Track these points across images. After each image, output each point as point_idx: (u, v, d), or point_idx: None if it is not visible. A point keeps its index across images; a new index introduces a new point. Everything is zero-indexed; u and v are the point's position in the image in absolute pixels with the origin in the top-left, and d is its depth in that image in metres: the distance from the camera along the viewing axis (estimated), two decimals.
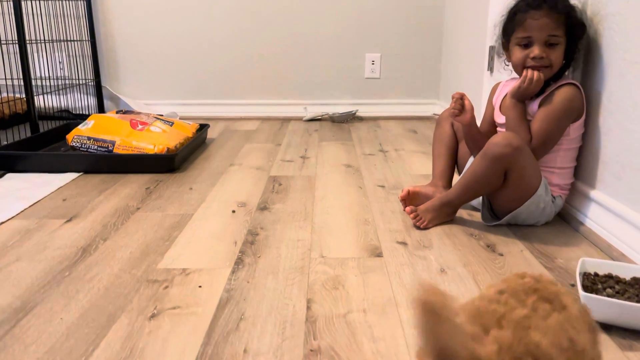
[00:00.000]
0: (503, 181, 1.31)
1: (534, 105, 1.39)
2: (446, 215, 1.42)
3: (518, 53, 1.37)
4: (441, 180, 1.58)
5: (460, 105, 1.45)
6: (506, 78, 1.55)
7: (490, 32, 1.48)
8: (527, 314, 0.51)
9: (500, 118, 1.47)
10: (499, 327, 0.50)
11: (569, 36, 1.34)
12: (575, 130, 1.37)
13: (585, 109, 1.37)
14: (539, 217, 1.38)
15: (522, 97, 1.37)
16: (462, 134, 1.57)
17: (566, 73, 1.41)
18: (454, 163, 1.61)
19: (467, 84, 2.54)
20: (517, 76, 1.42)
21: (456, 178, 1.55)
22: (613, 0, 1.28)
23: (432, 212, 1.41)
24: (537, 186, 1.33)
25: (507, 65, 1.47)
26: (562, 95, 1.34)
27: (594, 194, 1.35)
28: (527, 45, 1.35)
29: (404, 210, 1.48)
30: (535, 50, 1.33)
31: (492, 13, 1.73)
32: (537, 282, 0.57)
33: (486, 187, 1.35)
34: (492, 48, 2.03)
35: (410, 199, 1.51)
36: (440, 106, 3.02)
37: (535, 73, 1.32)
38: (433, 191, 1.52)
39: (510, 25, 1.38)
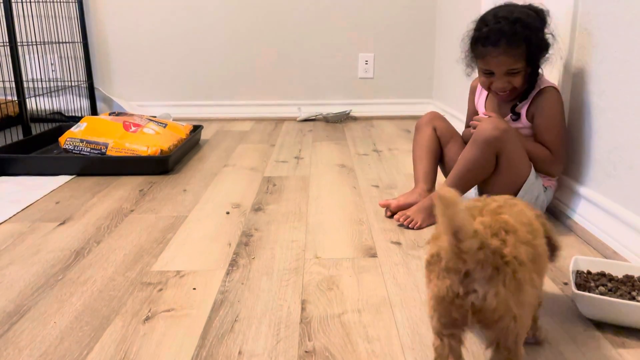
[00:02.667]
0: (495, 167, 1.33)
1: (522, 114, 1.41)
2: None
3: (482, 78, 1.41)
4: (425, 184, 1.53)
5: None
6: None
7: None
8: (499, 205, 0.77)
9: None
10: (481, 215, 0.74)
11: (531, 59, 1.34)
12: None
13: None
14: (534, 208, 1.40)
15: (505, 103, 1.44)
16: (447, 138, 1.56)
17: (540, 71, 1.40)
18: (437, 166, 1.58)
19: (460, 84, 2.55)
20: None
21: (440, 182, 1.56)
22: None
23: (423, 212, 1.41)
24: (527, 172, 1.36)
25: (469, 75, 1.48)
26: (551, 100, 1.37)
27: (586, 192, 1.36)
28: (489, 74, 1.38)
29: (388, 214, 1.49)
30: (497, 84, 1.37)
31: (484, 13, 1.74)
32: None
33: (479, 173, 1.35)
34: None
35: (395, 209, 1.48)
36: (433, 106, 3.03)
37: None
38: (416, 198, 1.49)
39: (474, 48, 1.39)
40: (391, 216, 1.48)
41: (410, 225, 1.40)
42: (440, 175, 1.60)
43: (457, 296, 0.68)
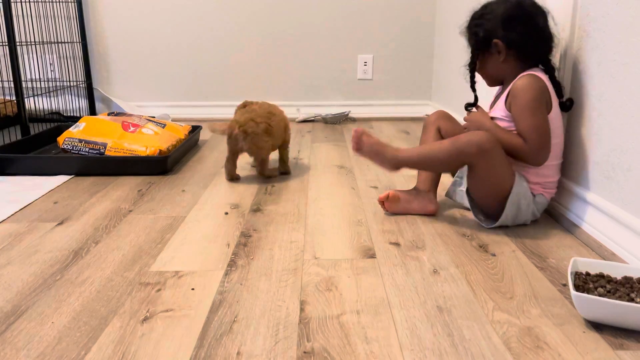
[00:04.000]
0: (475, 174, 1.37)
1: (500, 104, 1.41)
2: (380, 161, 1.42)
3: None
4: (425, 186, 1.53)
5: None
6: None
7: None
8: (259, 106, 1.84)
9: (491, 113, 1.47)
10: (244, 113, 1.81)
11: (471, 47, 1.46)
12: (549, 122, 1.36)
13: (552, 100, 1.36)
14: (525, 216, 1.39)
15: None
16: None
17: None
18: None
19: (459, 85, 2.55)
20: None
21: (443, 184, 1.56)
22: (603, 1, 1.30)
23: (372, 148, 1.41)
24: (510, 183, 1.35)
25: None
26: (523, 86, 1.34)
27: (584, 194, 1.36)
28: None
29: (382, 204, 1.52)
30: None
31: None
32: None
33: (438, 167, 1.45)
34: None
35: (390, 202, 1.49)
36: (432, 107, 3.03)
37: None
38: (415, 195, 1.50)
39: None
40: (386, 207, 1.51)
41: (353, 144, 1.42)
42: (444, 176, 1.60)
43: (237, 147, 1.77)
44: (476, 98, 1.54)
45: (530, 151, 1.34)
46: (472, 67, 1.47)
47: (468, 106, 1.54)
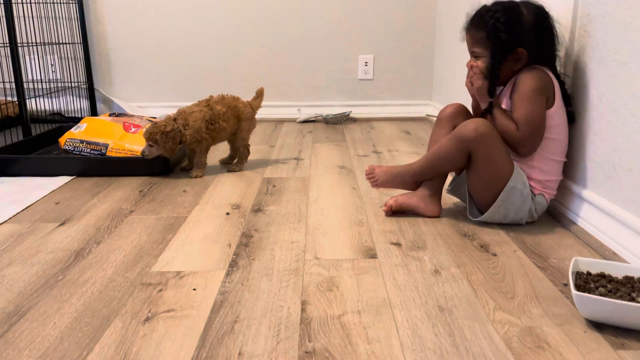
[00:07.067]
0: (467, 163, 1.38)
1: (506, 100, 1.42)
2: (402, 183, 1.49)
3: None
4: (428, 189, 1.48)
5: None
6: None
7: None
8: (215, 101, 1.94)
9: None
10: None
11: (494, 50, 1.35)
12: (548, 118, 1.35)
13: (555, 96, 1.35)
14: (520, 213, 1.38)
15: (477, 95, 1.42)
16: None
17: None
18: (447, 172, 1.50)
19: (460, 85, 2.55)
20: None
21: (446, 187, 1.56)
22: (603, 1, 1.30)
23: (388, 175, 1.49)
24: (507, 175, 1.35)
25: None
26: (524, 77, 1.35)
27: (585, 193, 1.36)
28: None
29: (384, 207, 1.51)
30: (469, 61, 1.43)
31: None
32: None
33: (447, 165, 1.43)
34: None
35: (395, 212, 1.49)
36: (433, 107, 3.03)
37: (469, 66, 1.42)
38: (417, 201, 1.48)
39: None
40: (391, 213, 1.50)
41: (370, 180, 1.51)
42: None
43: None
44: (491, 104, 1.41)
45: (520, 138, 1.35)
46: (496, 74, 1.37)
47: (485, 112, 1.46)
